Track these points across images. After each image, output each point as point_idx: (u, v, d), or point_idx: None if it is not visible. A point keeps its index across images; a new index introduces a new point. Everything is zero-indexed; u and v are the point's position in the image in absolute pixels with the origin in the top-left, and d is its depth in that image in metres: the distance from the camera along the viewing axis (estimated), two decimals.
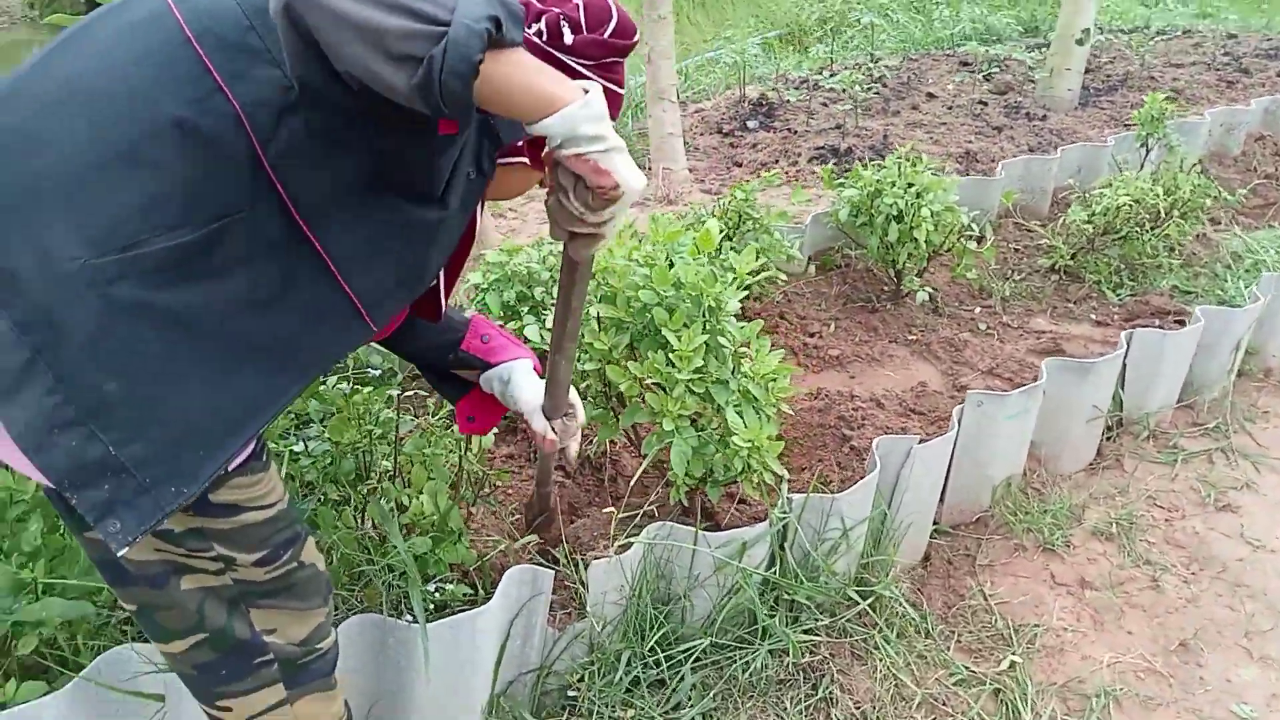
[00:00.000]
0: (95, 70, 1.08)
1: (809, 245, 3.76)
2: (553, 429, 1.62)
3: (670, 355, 1.82)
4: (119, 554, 1.07)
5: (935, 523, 2.67)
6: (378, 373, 2.42)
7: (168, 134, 1.05)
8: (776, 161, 5.31)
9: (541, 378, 1.62)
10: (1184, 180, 3.58)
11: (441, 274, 1.49)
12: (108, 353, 1.02)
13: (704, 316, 1.87)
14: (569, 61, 1.36)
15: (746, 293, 2.97)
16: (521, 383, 1.62)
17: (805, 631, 2.15)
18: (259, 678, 1.31)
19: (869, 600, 2.25)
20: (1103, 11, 8.60)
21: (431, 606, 1.82)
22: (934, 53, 7.58)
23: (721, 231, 3.04)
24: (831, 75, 6.23)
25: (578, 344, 1.54)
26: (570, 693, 1.97)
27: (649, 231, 1.98)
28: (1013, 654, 2.26)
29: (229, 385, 1.11)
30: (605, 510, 2.26)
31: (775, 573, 2.13)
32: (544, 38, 1.36)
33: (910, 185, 3.11)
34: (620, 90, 1.45)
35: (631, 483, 2.25)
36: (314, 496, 1.79)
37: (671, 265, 1.86)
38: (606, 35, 1.37)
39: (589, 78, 1.37)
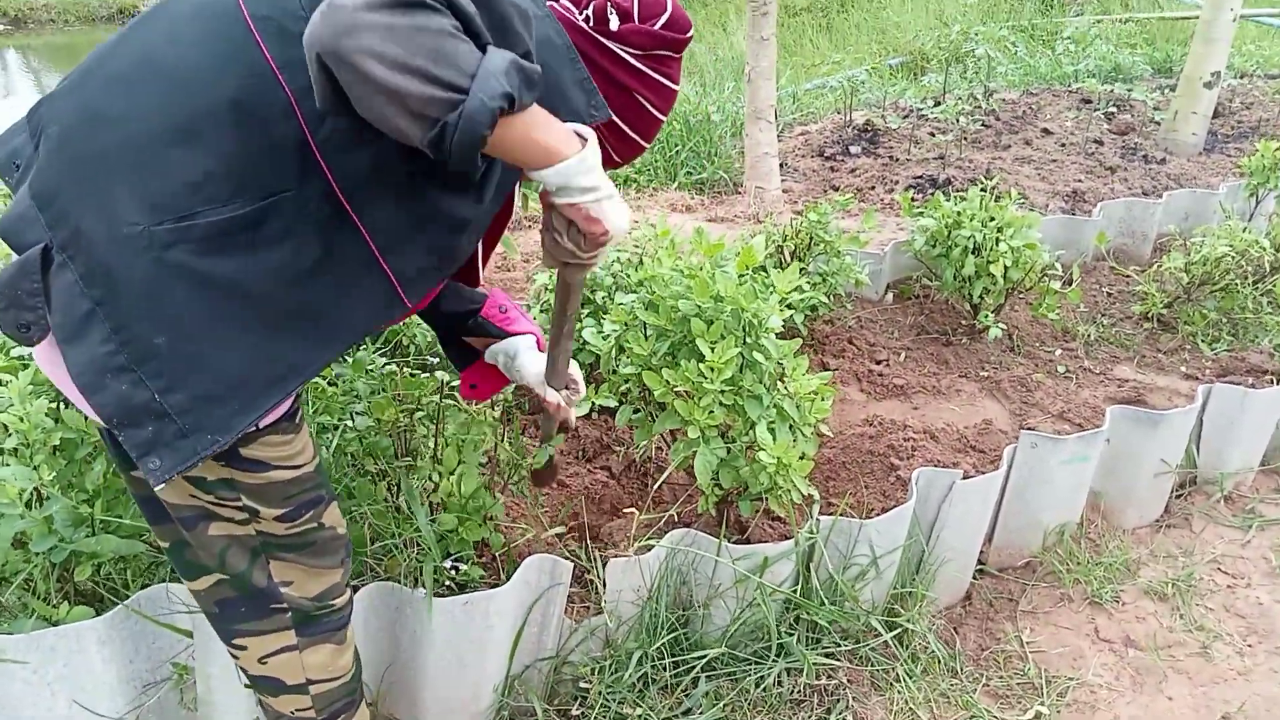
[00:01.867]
0: (164, 49, 1.18)
1: (888, 273, 3.73)
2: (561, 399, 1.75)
3: (702, 366, 1.86)
4: (156, 489, 1.19)
5: (981, 563, 2.61)
6: (437, 360, 2.54)
7: (225, 114, 1.14)
8: (873, 188, 5.26)
9: (542, 353, 1.73)
10: None
11: (480, 243, 1.54)
12: (158, 310, 1.13)
13: (742, 331, 1.90)
14: (614, 48, 1.42)
15: (807, 312, 2.97)
16: (526, 359, 1.74)
17: (825, 654, 2.15)
18: (274, 621, 1.41)
19: (895, 632, 2.23)
20: (1246, 57, 8.15)
21: (453, 585, 1.90)
22: (1055, 88, 7.35)
23: (792, 252, 3.05)
24: (936, 105, 6.13)
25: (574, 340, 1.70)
26: (582, 684, 2.02)
27: (693, 243, 2.03)
28: (1040, 704, 2.20)
29: (267, 348, 1.20)
30: (645, 515, 2.31)
31: (797, 592, 2.14)
32: (590, 23, 1.42)
33: (991, 219, 3.05)
34: (673, 86, 1.49)
35: (655, 486, 2.29)
36: (354, 468, 1.90)
37: (714, 278, 1.90)
38: (657, 27, 1.43)
39: (638, 67, 1.43)
